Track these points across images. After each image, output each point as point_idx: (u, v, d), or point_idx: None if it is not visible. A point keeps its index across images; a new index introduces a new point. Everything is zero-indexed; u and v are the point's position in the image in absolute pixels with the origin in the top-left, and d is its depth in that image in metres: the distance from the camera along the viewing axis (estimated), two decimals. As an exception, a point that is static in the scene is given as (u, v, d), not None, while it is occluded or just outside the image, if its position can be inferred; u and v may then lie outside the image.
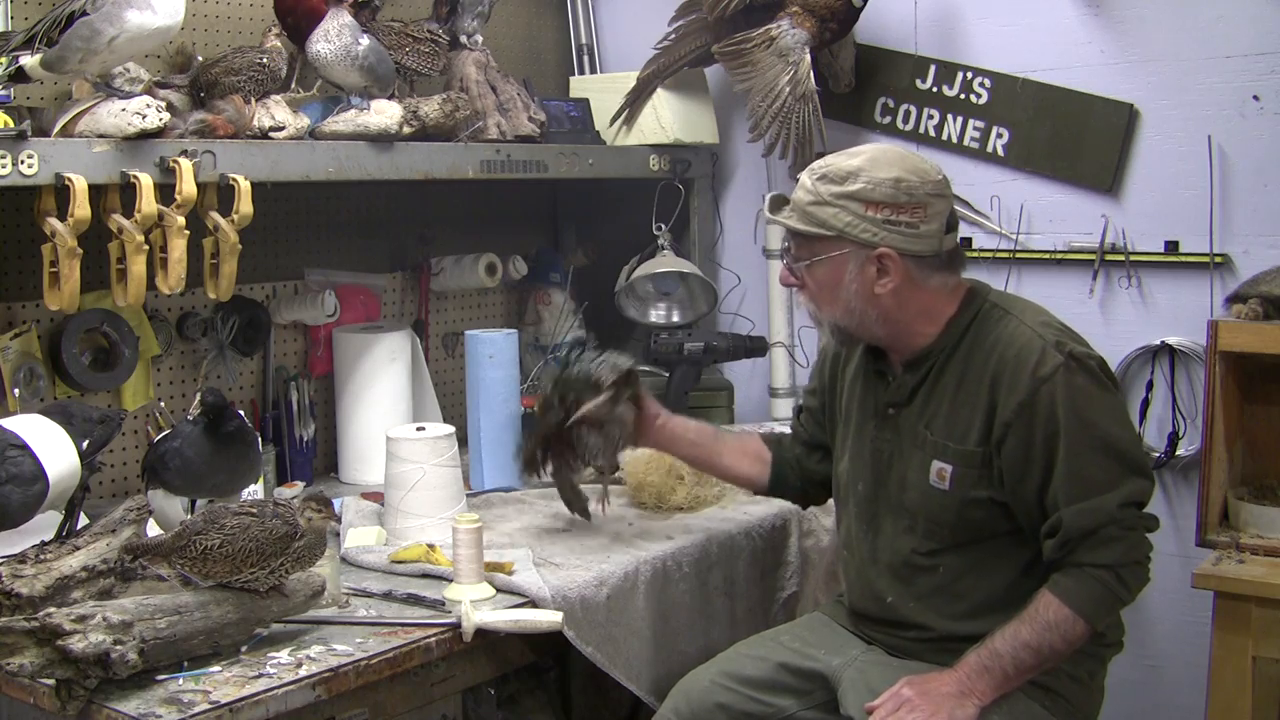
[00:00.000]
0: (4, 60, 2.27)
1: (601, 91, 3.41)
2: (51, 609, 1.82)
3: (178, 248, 2.38)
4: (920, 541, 2.15)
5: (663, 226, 3.38)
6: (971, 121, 3.08)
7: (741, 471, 2.49)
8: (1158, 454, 2.84)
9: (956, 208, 2.19)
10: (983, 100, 3.07)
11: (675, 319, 3.44)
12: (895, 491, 2.18)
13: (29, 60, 2.26)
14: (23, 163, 2.19)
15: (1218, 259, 2.79)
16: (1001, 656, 2.02)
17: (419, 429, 2.58)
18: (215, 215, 2.46)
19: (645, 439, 2.47)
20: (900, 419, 2.18)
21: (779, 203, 2.19)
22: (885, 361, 2.23)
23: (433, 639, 2.06)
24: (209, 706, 1.77)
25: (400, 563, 2.33)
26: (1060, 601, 2.01)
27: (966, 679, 2.03)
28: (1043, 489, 2.04)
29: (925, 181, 2.09)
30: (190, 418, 2.33)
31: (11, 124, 2.18)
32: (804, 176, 2.13)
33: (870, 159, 2.09)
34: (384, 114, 2.71)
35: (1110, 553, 2.01)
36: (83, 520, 2.28)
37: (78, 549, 2.02)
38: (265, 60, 2.64)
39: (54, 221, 2.29)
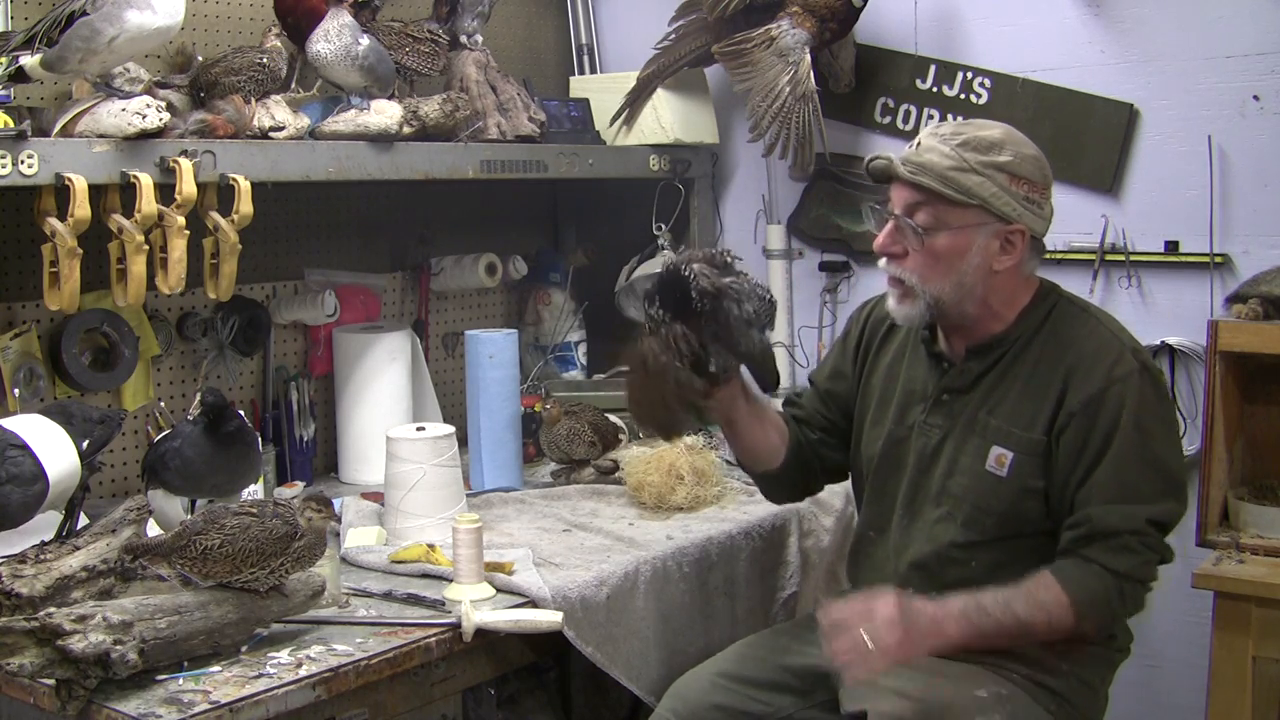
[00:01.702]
0: (4, 60, 2.27)
1: (601, 91, 3.41)
2: (51, 609, 1.82)
3: (178, 248, 2.38)
4: (960, 532, 2.13)
5: (663, 226, 3.38)
6: (971, 121, 3.08)
7: (772, 442, 2.32)
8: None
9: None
10: (983, 100, 3.07)
11: (675, 319, 3.43)
12: (940, 478, 2.16)
13: (29, 60, 2.26)
14: (23, 163, 2.19)
15: (1218, 259, 2.79)
16: (987, 615, 2.01)
17: (419, 429, 2.58)
18: (215, 215, 2.46)
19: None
20: (955, 404, 2.16)
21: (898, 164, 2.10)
22: (940, 345, 2.21)
23: (433, 639, 2.06)
24: (209, 706, 1.77)
25: (400, 563, 2.33)
26: (1060, 586, 2.00)
27: (943, 620, 2.00)
28: (1081, 483, 2.04)
29: (1048, 165, 2.12)
30: (190, 418, 2.33)
31: (11, 124, 2.18)
32: (934, 142, 2.07)
33: (1007, 132, 2.09)
34: (384, 114, 2.71)
35: (1123, 561, 2.01)
36: (83, 520, 2.28)
37: (78, 549, 2.02)
38: (265, 60, 2.64)
39: (54, 221, 2.29)
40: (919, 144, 2.10)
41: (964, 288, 2.09)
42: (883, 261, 2.15)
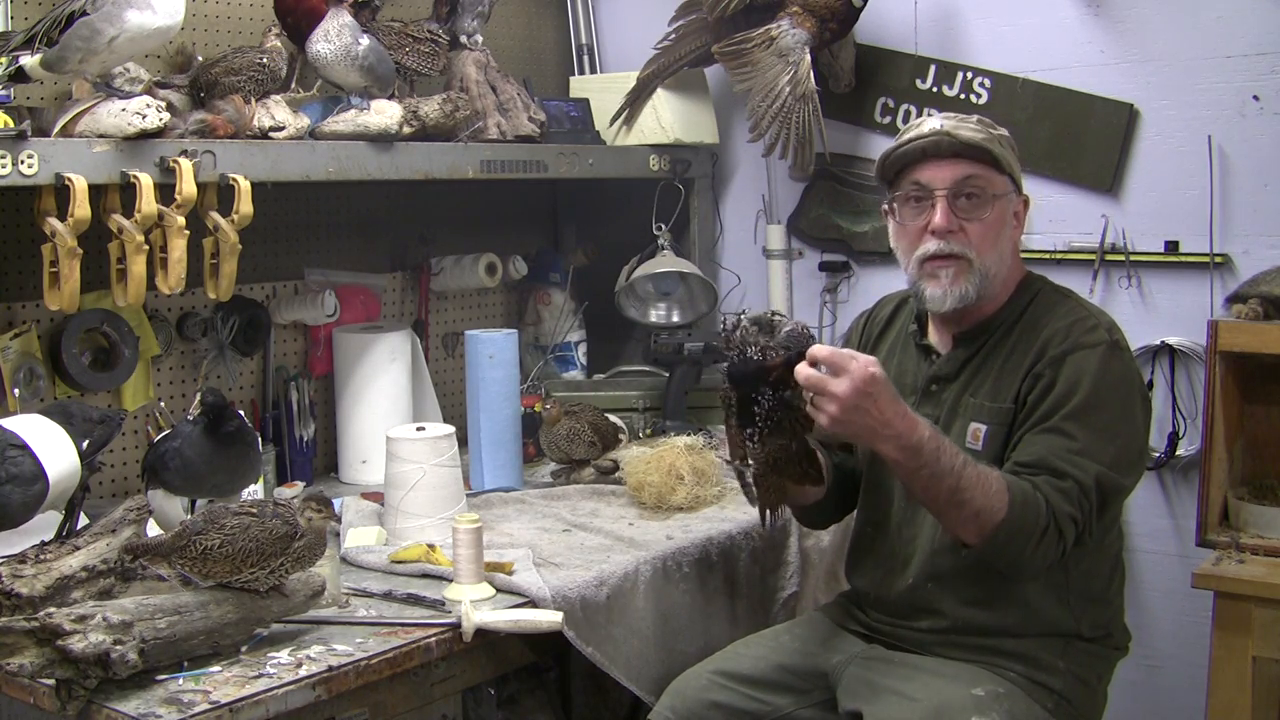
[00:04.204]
0: (4, 60, 2.27)
1: (601, 91, 3.42)
2: (51, 609, 1.82)
3: (178, 248, 2.38)
4: None
5: (663, 226, 3.38)
6: (971, 121, 3.08)
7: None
8: (1158, 454, 2.84)
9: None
10: (983, 100, 3.07)
11: (675, 319, 3.44)
12: None
13: (29, 60, 2.26)
14: (23, 163, 2.19)
15: (1218, 259, 2.79)
16: (940, 457, 1.91)
17: (419, 429, 2.58)
18: (215, 215, 2.46)
19: None
20: (943, 393, 2.19)
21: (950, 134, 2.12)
22: (929, 337, 2.24)
23: (433, 639, 2.06)
24: (209, 706, 1.77)
25: (400, 563, 2.33)
26: (1006, 486, 1.94)
27: (907, 429, 1.90)
28: (1031, 427, 2.04)
29: None
30: (190, 418, 2.33)
31: (11, 124, 2.18)
32: (954, 123, 2.11)
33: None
34: (384, 114, 2.71)
35: (1062, 504, 1.96)
36: (83, 520, 2.28)
37: (78, 549, 2.02)
38: (265, 60, 2.65)
39: (54, 221, 2.29)
40: (942, 126, 2.12)
41: (1002, 259, 2.15)
42: (933, 243, 2.11)
